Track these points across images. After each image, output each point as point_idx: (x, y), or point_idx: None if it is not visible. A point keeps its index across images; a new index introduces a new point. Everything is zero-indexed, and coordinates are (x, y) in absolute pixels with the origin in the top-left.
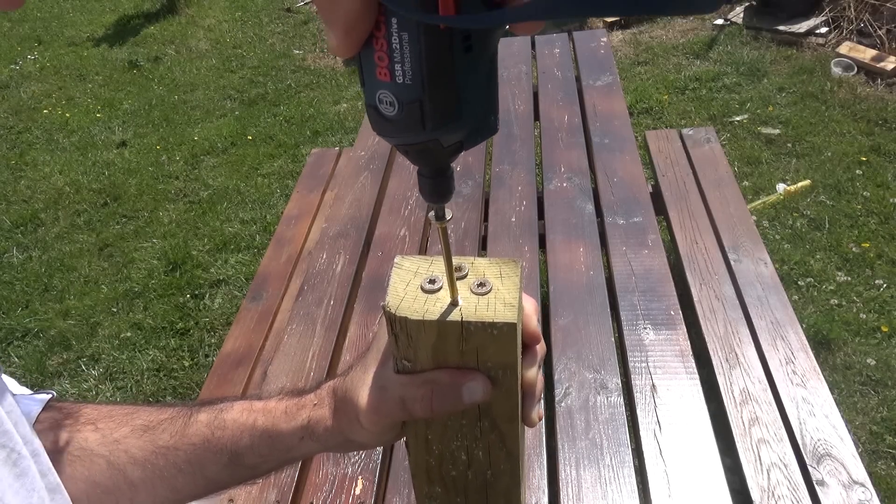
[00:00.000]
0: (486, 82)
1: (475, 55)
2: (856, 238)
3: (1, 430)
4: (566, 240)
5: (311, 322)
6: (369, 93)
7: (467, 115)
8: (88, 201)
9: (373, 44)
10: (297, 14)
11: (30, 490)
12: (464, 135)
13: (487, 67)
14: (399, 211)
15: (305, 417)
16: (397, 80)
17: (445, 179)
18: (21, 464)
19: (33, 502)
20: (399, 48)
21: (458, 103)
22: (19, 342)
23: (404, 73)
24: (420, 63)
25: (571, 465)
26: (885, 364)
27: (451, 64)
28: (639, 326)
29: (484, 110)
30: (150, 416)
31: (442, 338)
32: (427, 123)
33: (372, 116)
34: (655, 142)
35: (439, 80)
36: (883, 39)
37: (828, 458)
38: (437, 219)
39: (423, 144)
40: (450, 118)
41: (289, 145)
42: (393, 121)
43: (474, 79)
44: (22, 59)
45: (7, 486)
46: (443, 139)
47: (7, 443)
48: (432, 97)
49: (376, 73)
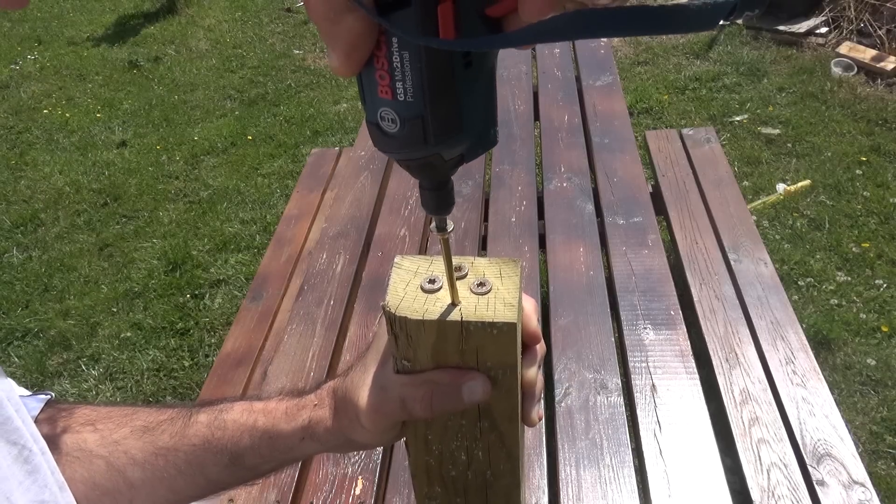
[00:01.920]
0: (486, 96)
1: (475, 70)
2: (856, 238)
3: (11, 428)
4: (566, 240)
5: (311, 322)
6: (371, 110)
7: (468, 128)
8: (88, 201)
9: (374, 63)
10: (297, 14)
11: (42, 486)
12: (465, 148)
13: (487, 81)
14: (399, 211)
15: (306, 418)
16: (399, 98)
17: (446, 192)
18: (33, 460)
19: (45, 498)
20: (400, 67)
21: (460, 118)
22: (19, 342)
23: (406, 90)
24: (421, 80)
25: (571, 465)
26: (885, 364)
27: (452, 80)
28: (639, 326)
29: (484, 123)
30: (150, 416)
31: (442, 337)
32: (429, 139)
33: (374, 133)
34: (655, 142)
35: (441, 97)
36: (883, 39)
37: (828, 458)
38: (439, 230)
39: (425, 159)
40: (451, 133)
41: (289, 145)
42: (395, 137)
43: (474, 93)
44: (22, 59)
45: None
46: (444, 153)
47: (18, 440)
48: (434, 113)
49: (378, 91)
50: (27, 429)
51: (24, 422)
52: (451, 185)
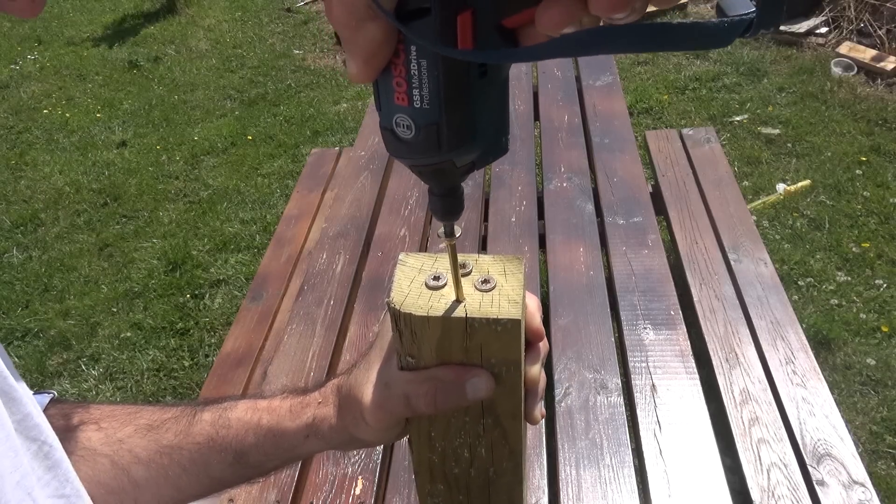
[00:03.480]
0: (499, 104)
1: (490, 79)
2: (856, 238)
3: (31, 424)
4: (566, 240)
5: (311, 322)
6: (386, 116)
7: (481, 136)
8: (88, 201)
9: (391, 70)
10: (297, 14)
11: (63, 481)
12: (476, 155)
13: (500, 90)
14: (399, 211)
15: (310, 416)
16: (415, 105)
17: (456, 198)
18: (53, 455)
19: (66, 492)
20: (417, 74)
21: (473, 126)
22: (19, 342)
23: (422, 97)
24: (438, 88)
25: (571, 465)
26: (885, 364)
27: (468, 88)
28: (639, 326)
29: (496, 132)
30: (154, 415)
31: (446, 334)
32: (443, 146)
33: (387, 138)
34: (655, 142)
35: (456, 105)
36: (883, 39)
37: (828, 458)
38: (447, 236)
39: (437, 165)
40: (465, 140)
41: (289, 145)
42: (409, 143)
43: (488, 102)
44: (22, 59)
45: (36, 479)
46: (457, 160)
47: (38, 436)
48: (449, 121)
49: (394, 98)
50: (46, 425)
51: (42, 418)
52: (461, 190)
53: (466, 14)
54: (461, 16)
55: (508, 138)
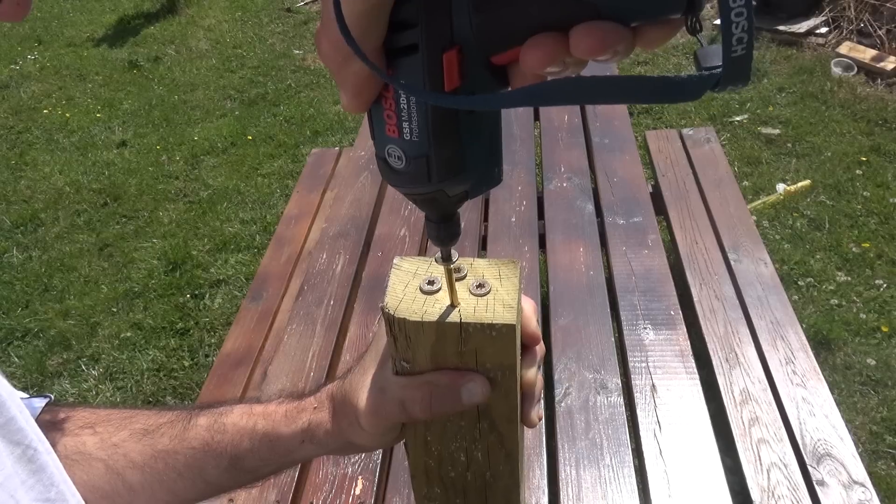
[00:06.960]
0: (490, 138)
1: (479, 114)
2: (856, 238)
3: (15, 428)
4: (566, 240)
5: (311, 322)
6: (379, 146)
7: (471, 168)
8: (88, 201)
9: (382, 102)
10: (297, 14)
11: (47, 485)
12: (468, 186)
13: (491, 124)
14: (399, 211)
15: (306, 421)
16: (405, 137)
17: (451, 224)
18: (38, 459)
19: (51, 496)
20: (406, 108)
21: (463, 158)
22: (19, 342)
23: (411, 130)
24: (426, 122)
25: (571, 465)
26: (885, 364)
27: (456, 122)
28: (639, 326)
29: (487, 164)
30: (149, 419)
31: (441, 339)
32: (433, 176)
33: (381, 167)
34: (655, 142)
35: (444, 138)
36: (883, 39)
37: (828, 458)
38: (444, 260)
39: (430, 195)
40: (455, 172)
41: (289, 145)
42: (401, 173)
43: (478, 135)
44: (22, 59)
45: (20, 482)
46: (448, 190)
47: (22, 440)
48: (438, 153)
49: (385, 129)
50: (31, 429)
51: (27, 422)
52: (457, 217)
53: (452, 52)
54: (447, 53)
55: (502, 169)
